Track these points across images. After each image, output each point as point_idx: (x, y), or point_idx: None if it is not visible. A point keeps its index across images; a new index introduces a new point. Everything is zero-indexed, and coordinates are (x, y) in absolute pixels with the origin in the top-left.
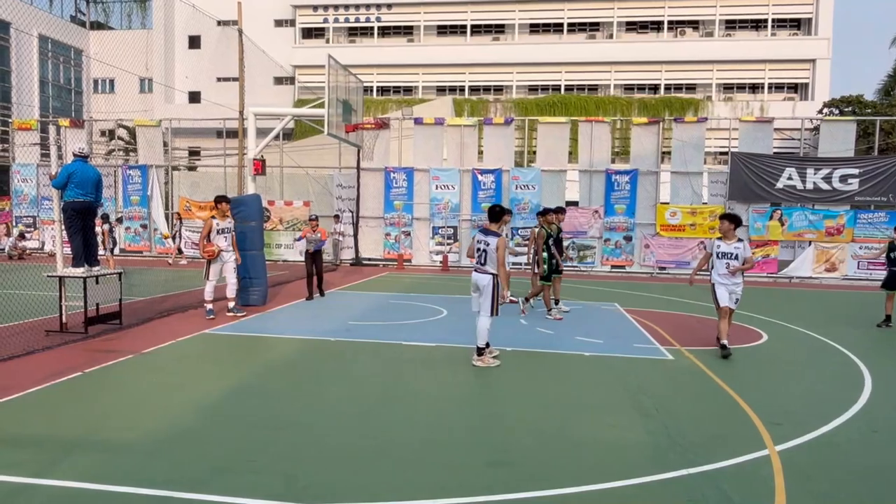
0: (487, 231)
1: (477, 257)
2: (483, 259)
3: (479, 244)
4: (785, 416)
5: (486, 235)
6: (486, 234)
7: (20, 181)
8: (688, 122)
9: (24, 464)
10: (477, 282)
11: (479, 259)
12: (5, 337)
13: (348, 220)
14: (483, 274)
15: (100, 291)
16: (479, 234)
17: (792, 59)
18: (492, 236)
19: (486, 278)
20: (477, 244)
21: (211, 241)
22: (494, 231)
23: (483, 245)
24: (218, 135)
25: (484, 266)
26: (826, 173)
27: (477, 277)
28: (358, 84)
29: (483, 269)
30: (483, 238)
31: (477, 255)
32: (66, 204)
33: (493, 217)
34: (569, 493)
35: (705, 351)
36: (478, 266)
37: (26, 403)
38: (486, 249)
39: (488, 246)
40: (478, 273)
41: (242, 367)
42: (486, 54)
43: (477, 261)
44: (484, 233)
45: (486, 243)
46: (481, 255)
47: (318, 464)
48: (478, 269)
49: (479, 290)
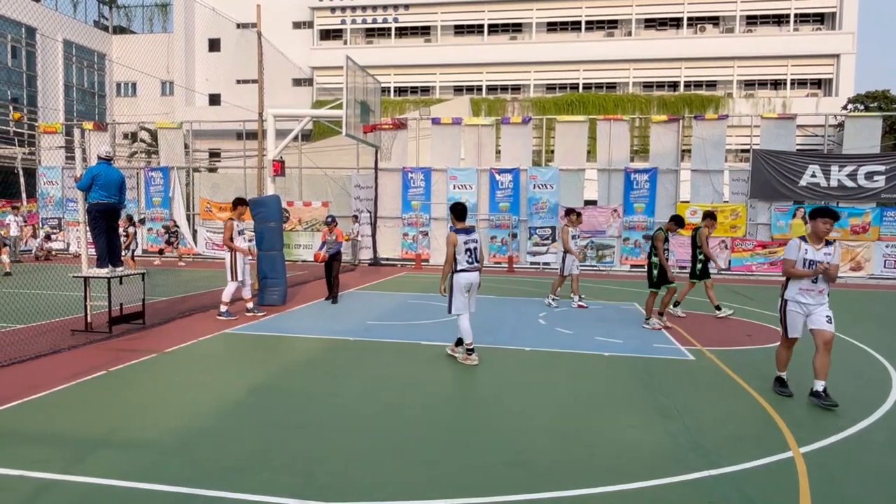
0: (468, 230)
1: (468, 257)
2: (476, 256)
3: (469, 243)
4: (809, 418)
5: (469, 234)
6: (469, 232)
7: (46, 184)
8: (708, 120)
9: (51, 460)
10: (473, 281)
11: (471, 258)
12: (33, 336)
13: (366, 221)
14: (478, 272)
15: (123, 292)
16: (463, 234)
17: (815, 54)
18: (474, 233)
19: (478, 275)
20: (466, 244)
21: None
22: (473, 227)
23: (473, 243)
24: (238, 136)
25: (478, 263)
26: (851, 170)
27: (474, 277)
28: (375, 85)
29: (477, 267)
30: (469, 237)
31: (468, 255)
32: (91, 206)
33: (462, 216)
34: (587, 494)
35: (727, 351)
36: (472, 266)
37: (53, 401)
38: (477, 246)
39: (477, 242)
40: (473, 272)
41: (262, 367)
42: (503, 53)
43: (468, 261)
44: (466, 232)
45: (475, 241)
46: (472, 253)
47: (337, 462)
48: (472, 268)
49: (474, 288)
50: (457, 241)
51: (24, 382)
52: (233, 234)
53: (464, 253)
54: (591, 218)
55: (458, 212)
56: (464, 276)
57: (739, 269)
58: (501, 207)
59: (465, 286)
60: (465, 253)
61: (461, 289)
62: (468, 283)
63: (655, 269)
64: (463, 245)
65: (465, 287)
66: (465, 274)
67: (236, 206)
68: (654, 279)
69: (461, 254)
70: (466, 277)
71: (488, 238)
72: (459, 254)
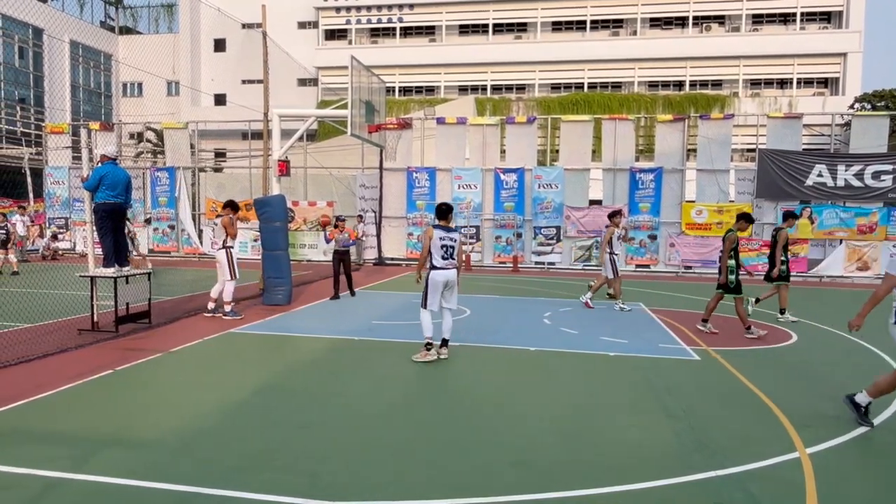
0: (448, 228)
1: (442, 253)
2: (452, 255)
3: (445, 241)
4: (815, 419)
5: (448, 232)
6: (449, 231)
7: (53, 184)
8: (714, 119)
9: (58, 458)
10: (449, 278)
11: (446, 255)
12: (40, 335)
13: (371, 220)
14: (453, 270)
15: (129, 291)
16: (441, 231)
17: (822, 53)
18: (454, 233)
19: (455, 273)
20: (442, 241)
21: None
22: (453, 227)
23: (450, 242)
24: (243, 136)
25: (453, 261)
26: (858, 170)
27: (449, 274)
28: (380, 85)
29: (452, 265)
30: (447, 235)
31: (443, 251)
32: (98, 205)
33: (444, 215)
34: (592, 494)
35: (732, 351)
36: (446, 263)
37: (60, 400)
38: (454, 245)
39: (455, 242)
40: (448, 270)
41: (267, 366)
42: (508, 53)
43: (443, 257)
44: (445, 230)
45: (452, 239)
46: (448, 251)
47: (342, 462)
48: (447, 266)
49: (450, 286)
50: (433, 235)
51: (32, 381)
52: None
53: (439, 249)
54: (595, 218)
55: (440, 211)
56: (440, 273)
57: (746, 268)
58: (506, 207)
59: (441, 284)
60: (440, 249)
61: (437, 286)
62: (444, 281)
63: (732, 274)
64: (438, 241)
65: (441, 284)
66: (440, 272)
67: (226, 208)
68: (732, 284)
69: (436, 249)
70: (443, 275)
71: (493, 238)
72: (434, 249)
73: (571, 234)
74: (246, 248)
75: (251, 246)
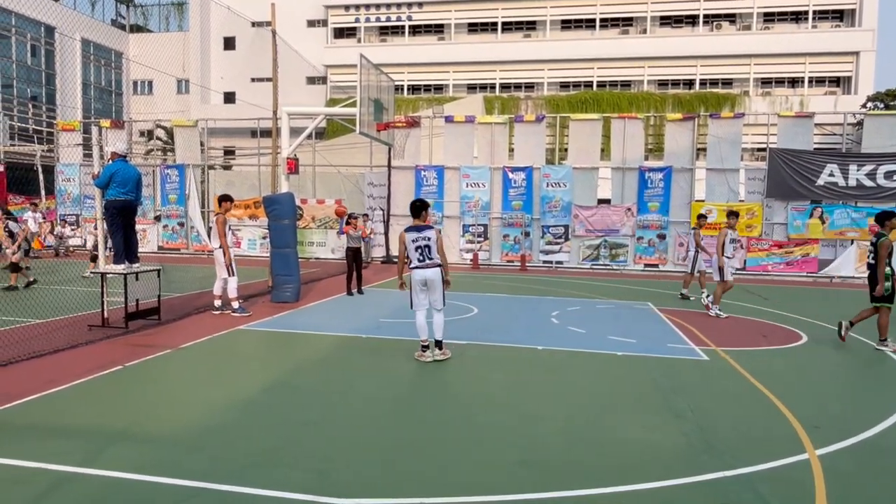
0: (420, 227)
1: (418, 255)
2: (428, 253)
3: (418, 241)
4: (825, 420)
5: (420, 231)
6: (421, 230)
7: (64, 181)
8: (724, 118)
9: (70, 453)
10: (427, 277)
11: (422, 256)
12: (51, 331)
13: (379, 219)
14: (432, 268)
15: (139, 288)
16: (412, 232)
17: (834, 51)
18: (427, 230)
19: (436, 272)
20: (415, 242)
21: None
22: (427, 225)
23: (423, 241)
24: (252, 134)
25: (431, 260)
26: (870, 169)
27: (427, 273)
28: (389, 83)
29: (430, 264)
30: (419, 234)
31: (418, 253)
32: (108, 203)
33: (417, 213)
34: (600, 494)
35: (741, 351)
36: (423, 263)
37: (71, 395)
38: (428, 244)
39: (429, 240)
40: (426, 269)
41: (276, 363)
42: (516, 51)
43: (419, 258)
44: (417, 230)
45: (425, 238)
46: (423, 250)
47: (350, 459)
48: (424, 265)
49: (429, 285)
50: (405, 238)
51: (43, 377)
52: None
53: (414, 251)
54: (604, 217)
55: (412, 209)
56: (416, 272)
57: (755, 268)
58: (514, 206)
59: (419, 282)
60: (415, 251)
61: (416, 285)
62: (421, 280)
63: (889, 281)
64: (412, 243)
65: (419, 283)
66: (417, 271)
67: (222, 203)
68: (888, 292)
69: (411, 252)
70: (419, 274)
71: (500, 236)
72: (410, 251)
73: (580, 234)
74: (255, 245)
75: (259, 243)
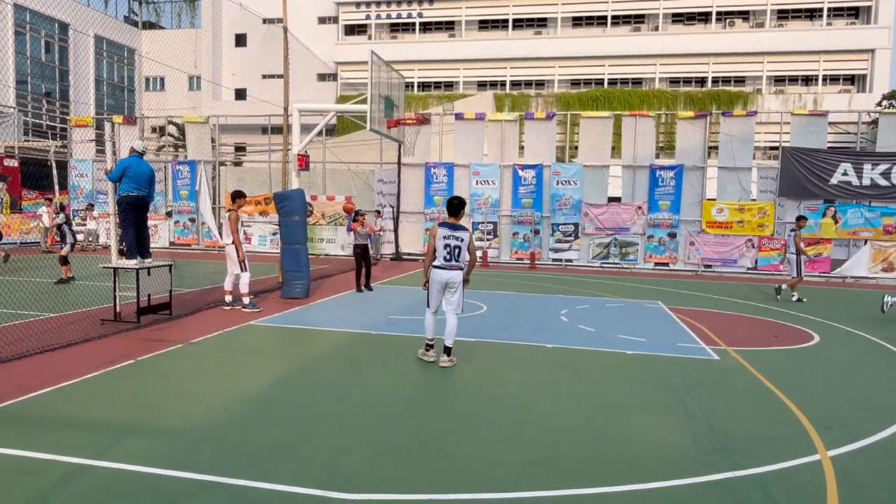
0: (455, 226)
1: (446, 253)
2: (457, 255)
3: (449, 240)
4: (837, 421)
5: (454, 230)
6: (455, 228)
7: (77, 176)
8: (736, 116)
9: (83, 446)
10: (450, 279)
11: (449, 255)
12: (65, 325)
13: (389, 215)
14: (456, 271)
15: (151, 283)
16: (445, 229)
17: (849, 49)
18: (461, 231)
19: (459, 274)
20: (445, 240)
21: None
22: (462, 226)
23: (454, 241)
24: (263, 131)
25: (457, 262)
26: (885, 168)
27: (450, 275)
28: (400, 80)
29: (455, 266)
30: (452, 233)
31: (446, 251)
32: (121, 198)
33: (455, 211)
34: (609, 493)
35: (753, 351)
36: (448, 263)
37: (84, 388)
38: (459, 246)
39: (461, 242)
40: (450, 270)
41: (286, 358)
42: (527, 48)
43: (446, 258)
44: (451, 227)
45: (458, 238)
46: (452, 251)
47: (360, 455)
48: (448, 266)
49: (450, 287)
50: (437, 233)
51: (57, 370)
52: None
53: (442, 249)
54: (614, 215)
55: (450, 206)
56: (438, 273)
57: (766, 268)
58: (524, 203)
59: (438, 283)
60: (443, 249)
61: (435, 285)
62: (441, 282)
63: None
64: (442, 239)
65: (439, 285)
66: (438, 271)
67: (235, 199)
68: None
69: (440, 249)
70: (440, 275)
71: (510, 234)
72: (438, 247)
73: (590, 232)
74: (265, 241)
75: (270, 240)
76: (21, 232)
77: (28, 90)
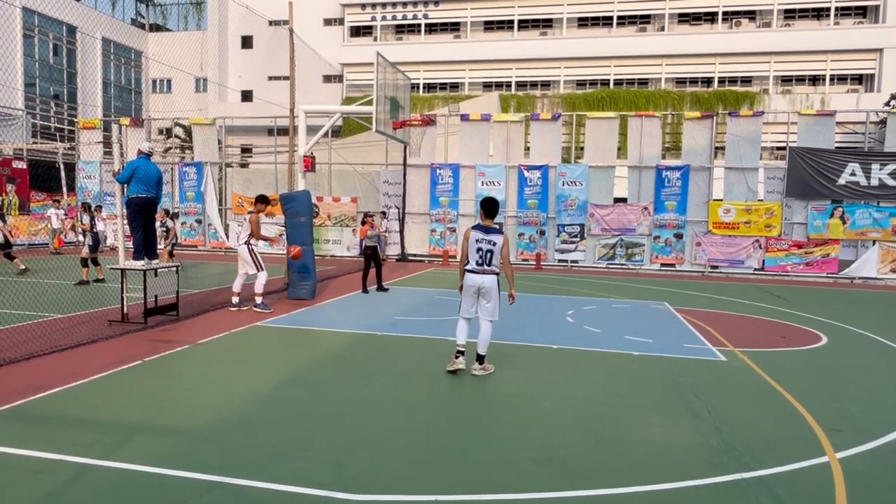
0: (489, 229)
1: (478, 257)
2: (489, 259)
3: (482, 243)
4: (845, 422)
5: (487, 234)
6: (488, 231)
7: (84, 178)
8: (743, 116)
9: (91, 445)
10: (482, 284)
11: (481, 259)
12: (73, 325)
13: (394, 217)
14: (489, 275)
15: (158, 284)
16: (478, 232)
17: (856, 48)
18: (495, 234)
19: (493, 279)
20: (478, 243)
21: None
22: (496, 228)
23: (487, 244)
24: (269, 132)
25: (490, 266)
26: (893, 169)
27: (483, 280)
28: (405, 81)
29: (487, 271)
30: (485, 237)
31: (478, 255)
32: (129, 200)
33: (491, 212)
34: (616, 494)
35: (759, 352)
36: (480, 268)
37: (92, 389)
38: (492, 250)
39: (494, 246)
40: (483, 275)
41: (293, 359)
42: (533, 49)
43: (478, 262)
44: (484, 230)
45: (490, 242)
46: (484, 255)
47: (366, 455)
48: (481, 270)
49: (484, 293)
50: (469, 236)
51: (66, 370)
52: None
53: (475, 252)
54: (620, 216)
55: (486, 207)
56: (470, 277)
57: (774, 269)
58: (530, 204)
59: (470, 287)
60: (475, 252)
61: (467, 291)
62: (473, 286)
63: None
64: (474, 243)
65: (470, 289)
66: (471, 275)
67: (257, 203)
68: None
69: (472, 252)
70: (471, 279)
71: (516, 235)
72: (470, 252)
73: (595, 232)
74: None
75: None
76: (29, 233)
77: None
